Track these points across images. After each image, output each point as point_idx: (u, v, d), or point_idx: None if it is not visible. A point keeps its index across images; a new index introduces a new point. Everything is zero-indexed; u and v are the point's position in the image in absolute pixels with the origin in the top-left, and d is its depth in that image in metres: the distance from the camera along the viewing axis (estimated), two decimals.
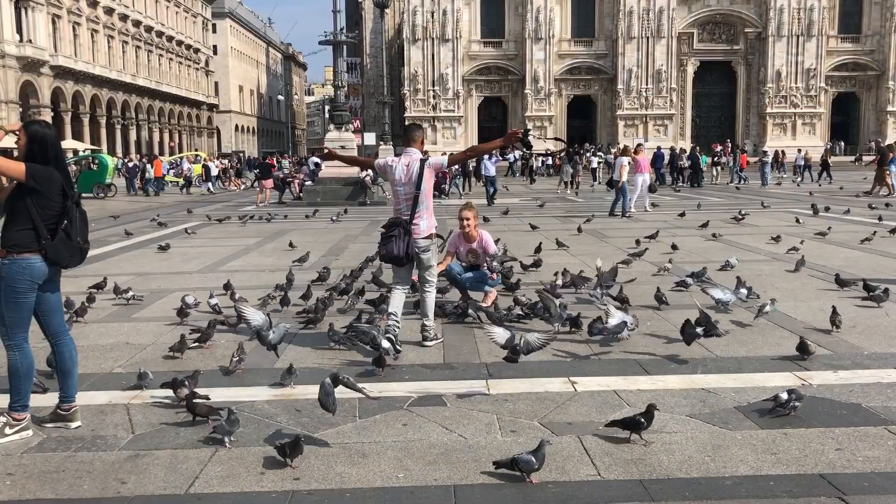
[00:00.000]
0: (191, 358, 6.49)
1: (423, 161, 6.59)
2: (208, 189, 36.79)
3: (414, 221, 6.58)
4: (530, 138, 6.81)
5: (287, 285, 9.05)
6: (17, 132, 4.77)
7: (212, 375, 5.92)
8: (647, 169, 21.83)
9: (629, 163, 19.78)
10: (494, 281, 8.57)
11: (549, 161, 49.74)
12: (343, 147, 27.14)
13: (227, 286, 8.87)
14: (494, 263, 8.66)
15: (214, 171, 39.84)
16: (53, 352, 5.04)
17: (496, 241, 11.36)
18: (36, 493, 3.99)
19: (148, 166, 37.09)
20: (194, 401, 4.90)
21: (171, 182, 44.27)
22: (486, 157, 27.33)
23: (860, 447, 4.38)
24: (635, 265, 10.86)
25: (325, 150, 7.53)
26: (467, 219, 8.27)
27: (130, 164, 38.90)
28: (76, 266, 4.90)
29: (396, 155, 6.85)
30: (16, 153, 5.27)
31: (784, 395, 4.89)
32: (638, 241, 12.94)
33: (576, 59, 64.49)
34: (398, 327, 6.61)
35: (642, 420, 4.47)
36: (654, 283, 9.28)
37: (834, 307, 7.26)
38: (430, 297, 6.87)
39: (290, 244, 13.75)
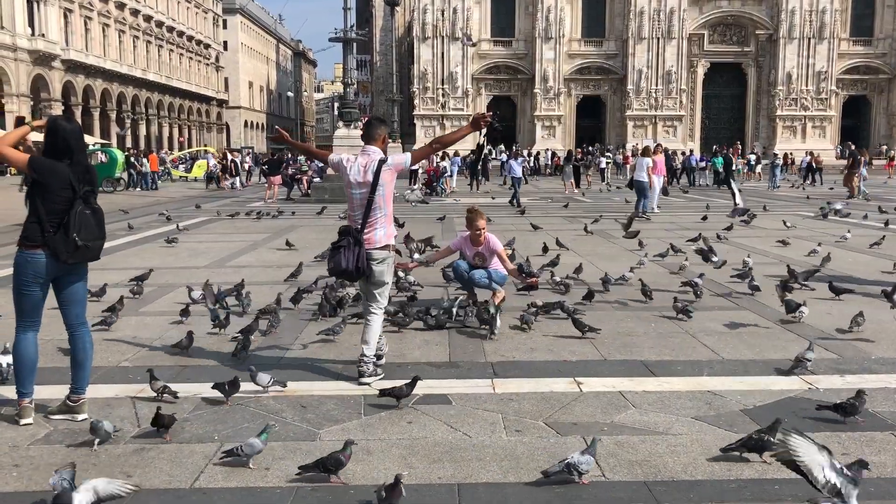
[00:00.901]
0: (194, 351, 6.51)
1: (381, 162, 5.76)
2: (232, 185, 36.18)
3: (366, 230, 5.75)
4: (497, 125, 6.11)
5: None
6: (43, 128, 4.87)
7: (216, 370, 5.94)
8: (663, 171, 21.85)
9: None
10: (536, 287, 8.53)
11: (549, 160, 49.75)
12: (351, 145, 27.14)
13: (241, 284, 8.65)
14: (532, 269, 8.70)
15: (245, 167, 38.64)
16: (69, 342, 5.09)
17: (510, 243, 11.38)
18: (42, 485, 4.00)
19: (144, 160, 36.89)
20: (160, 412, 4.62)
21: (179, 177, 44.44)
22: (512, 158, 26.84)
23: (866, 452, 4.36)
24: (649, 266, 10.81)
25: (276, 130, 6.41)
26: (483, 228, 8.26)
27: (131, 159, 38.87)
28: (76, 262, 4.84)
29: (354, 154, 5.94)
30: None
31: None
32: (640, 243, 12.91)
33: (586, 59, 64.35)
34: (384, 347, 5.96)
35: (771, 438, 4.15)
36: (663, 283, 9.29)
37: (861, 312, 7.26)
38: (376, 323, 5.83)
39: (287, 243, 13.49)
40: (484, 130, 6.10)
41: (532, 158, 46.84)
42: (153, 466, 4.22)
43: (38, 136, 5.38)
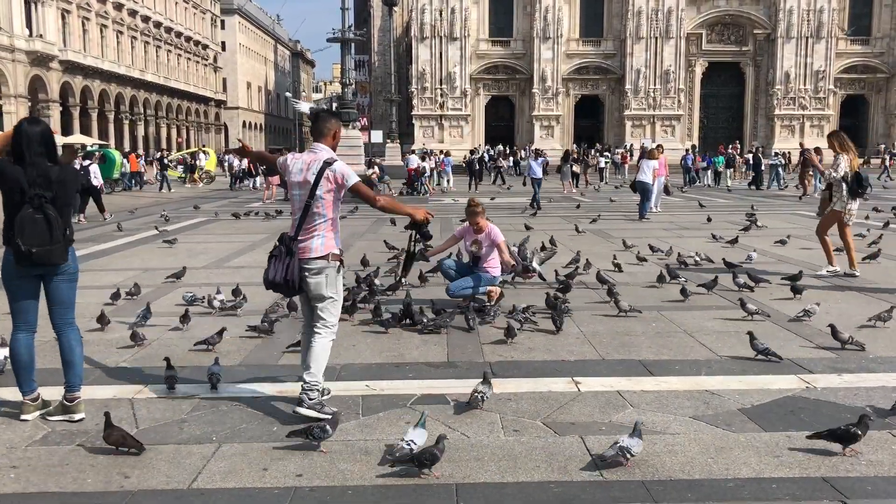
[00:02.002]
0: (193, 354, 6.51)
1: (326, 163, 4.99)
2: (253, 185, 35.83)
3: (301, 237, 5.00)
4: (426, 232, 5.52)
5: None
6: None
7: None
8: (665, 171, 21.90)
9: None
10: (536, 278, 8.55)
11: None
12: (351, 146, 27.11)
13: (237, 292, 8.50)
14: (534, 265, 8.71)
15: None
16: (58, 342, 5.10)
17: (524, 242, 11.37)
18: (40, 487, 4.01)
19: (124, 161, 36.27)
20: (110, 429, 4.38)
21: (178, 178, 44.41)
22: (532, 157, 25.78)
23: (864, 451, 4.36)
24: (657, 269, 10.83)
25: (240, 144, 5.92)
26: (480, 224, 8.29)
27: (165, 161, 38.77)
28: (24, 266, 4.77)
29: (300, 151, 5.25)
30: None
31: None
32: (625, 243, 12.93)
33: (584, 59, 64.37)
34: (320, 389, 5.02)
35: (858, 432, 4.19)
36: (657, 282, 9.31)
37: (893, 307, 7.38)
38: (319, 344, 5.01)
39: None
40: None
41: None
42: (151, 467, 4.21)
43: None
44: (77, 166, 18.76)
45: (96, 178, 20.84)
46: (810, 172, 28.27)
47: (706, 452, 4.37)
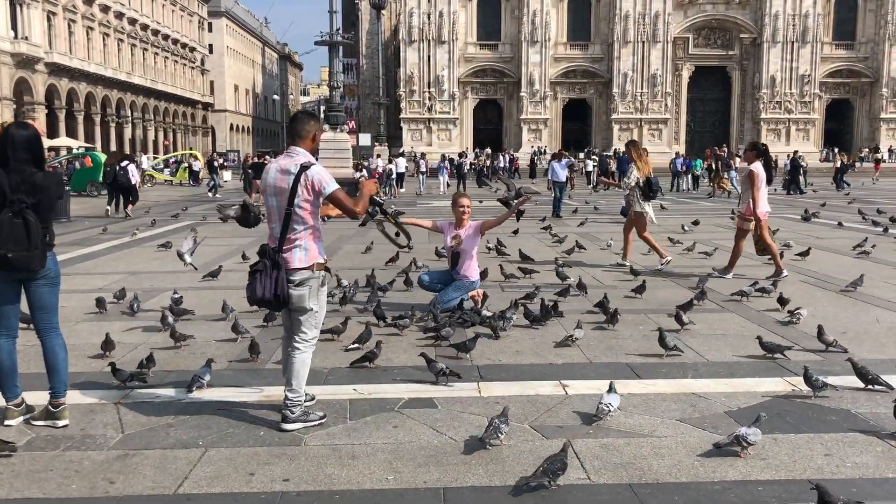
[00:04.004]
0: (183, 359, 6.47)
1: (303, 167, 4.71)
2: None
3: (285, 248, 4.77)
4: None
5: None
6: None
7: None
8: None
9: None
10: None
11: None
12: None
13: (224, 307, 8.12)
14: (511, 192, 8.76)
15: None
16: (42, 347, 5.05)
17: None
18: (24, 493, 3.97)
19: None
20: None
21: (165, 181, 44.32)
22: (555, 160, 24.56)
23: (849, 453, 4.39)
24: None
25: None
26: (465, 206, 8.38)
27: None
28: (3, 271, 4.71)
29: (276, 154, 5.09)
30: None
31: None
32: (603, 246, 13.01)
33: (571, 63, 64.68)
34: (302, 403, 4.90)
35: None
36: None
37: None
38: (300, 359, 4.85)
39: (244, 256, 11.98)
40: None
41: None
42: (137, 472, 4.19)
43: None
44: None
45: (134, 177, 22.41)
46: (725, 176, 30.33)
47: (693, 455, 4.38)
